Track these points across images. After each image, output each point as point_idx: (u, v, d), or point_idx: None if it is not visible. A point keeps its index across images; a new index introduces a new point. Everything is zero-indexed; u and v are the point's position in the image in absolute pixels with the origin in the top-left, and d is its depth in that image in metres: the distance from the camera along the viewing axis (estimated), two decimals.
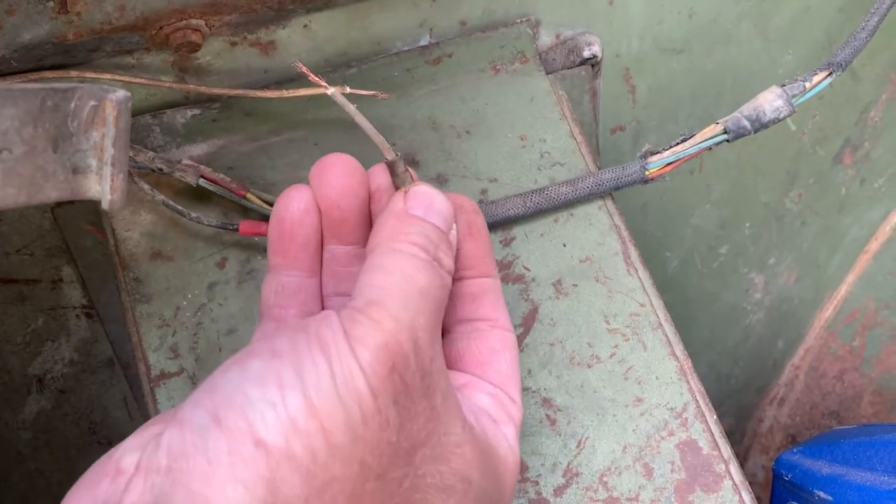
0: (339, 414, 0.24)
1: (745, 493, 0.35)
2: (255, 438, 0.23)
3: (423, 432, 0.26)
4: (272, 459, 0.23)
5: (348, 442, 0.24)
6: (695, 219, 0.64)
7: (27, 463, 0.54)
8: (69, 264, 0.49)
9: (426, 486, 0.26)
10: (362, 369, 0.24)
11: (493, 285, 0.33)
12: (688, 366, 0.38)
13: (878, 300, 0.72)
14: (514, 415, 0.32)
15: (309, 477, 0.23)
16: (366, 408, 0.24)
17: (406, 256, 0.28)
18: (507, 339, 0.32)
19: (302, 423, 0.23)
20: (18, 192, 0.27)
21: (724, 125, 0.40)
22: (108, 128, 0.29)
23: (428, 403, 0.26)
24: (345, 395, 0.24)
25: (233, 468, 0.22)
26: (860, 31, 0.41)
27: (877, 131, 0.64)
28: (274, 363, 0.24)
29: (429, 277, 0.28)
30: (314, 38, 0.44)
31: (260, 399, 0.23)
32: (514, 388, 0.32)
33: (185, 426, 0.24)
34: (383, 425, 0.24)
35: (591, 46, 0.48)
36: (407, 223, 0.29)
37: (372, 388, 0.24)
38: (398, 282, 0.27)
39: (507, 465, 0.30)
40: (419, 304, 0.27)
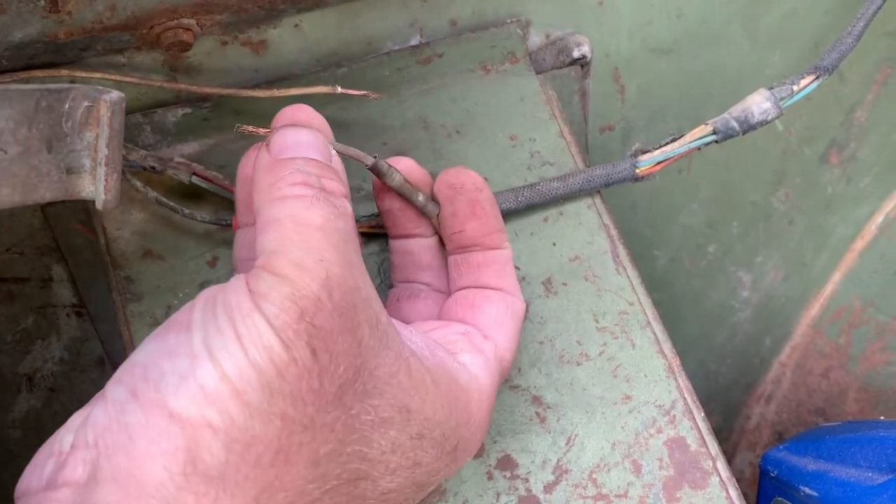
0: (251, 373, 0.23)
1: (732, 490, 0.36)
2: (169, 411, 0.23)
3: (350, 370, 0.25)
4: (188, 430, 0.23)
5: (264, 399, 0.23)
6: (683, 218, 0.64)
7: (17, 462, 0.54)
8: (59, 263, 0.49)
9: (361, 424, 0.25)
10: (269, 323, 0.24)
11: (501, 256, 0.33)
12: (676, 364, 0.38)
13: (864, 298, 0.73)
14: (483, 348, 0.31)
15: (229, 441, 0.23)
16: (278, 361, 0.24)
17: (290, 199, 0.27)
18: (506, 297, 0.32)
19: (213, 389, 0.23)
20: (13, 192, 0.27)
21: (713, 126, 0.40)
22: (102, 128, 0.29)
23: (352, 339, 0.25)
24: (253, 354, 0.24)
25: (151, 441, 0.23)
26: (847, 35, 0.42)
27: (862, 131, 0.65)
28: (185, 334, 0.25)
29: (322, 211, 0.26)
30: (305, 38, 0.44)
31: (171, 371, 0.24)
32: (500, 332, 0.31)
33: (108, 402, 0.24)
34: (301, 374, 0.24)
35: (581, 47, 0.48)
36: (278, 168, 0.28)
37: (282, 339, 0.24)
38: (292, 227, 0.26)
39: (471, 393, 0.29)
40: (321, 241, 0.26)
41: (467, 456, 0.30)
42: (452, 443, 0.29)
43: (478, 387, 0.30)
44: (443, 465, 0.29)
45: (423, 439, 0.27)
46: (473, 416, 0.30)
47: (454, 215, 0.32)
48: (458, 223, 0.32)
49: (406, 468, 0.27)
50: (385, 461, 0.26)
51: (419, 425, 0.27)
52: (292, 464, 0.24)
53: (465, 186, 0.32)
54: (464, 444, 0.30)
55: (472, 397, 0.30)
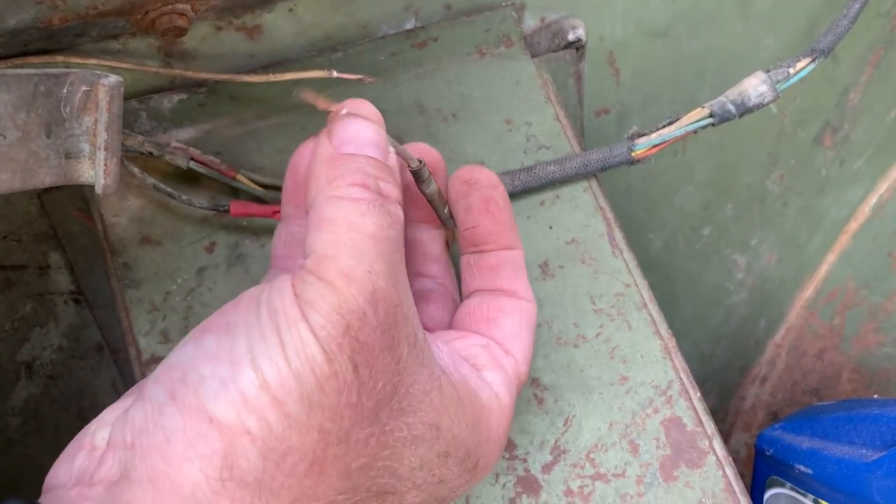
0: (292, 384, 0.23)
1: (728, 468, 0.36)
2: (209, 415, 0.23)
3: (388, 388, 0.25)
4: (226, 435, 0.23)
5: (303, 410, 0.23)
6: (678, 200, 0.64)
7: (17, 449, 0.54)
8: (57, 250, 0.49)
9: (394, 441, 0.26)
10: (314, 334, 0.24)
11: (514, 257, 0.32)
12: (672, 344, 0.39)
13: (858, 280, 0.74)
14: (504, 364, 0.31)
15: (266, 450, 0.23)
16: (320, 374, 0.24)
17: (347, 202, 0.26)
18: (520, 304, 0.32)
19: (253, 397, 0.23)
20: (12, 177, 0.27)
21: (709, 109, 0.40)
22: (100, 113, 0.29)
23: (391, 357, 0.25)
24: (296, 364, 0.23)
25: (189, 445, 0.23)
26: (842, 17, 0.42)
27: (856, 113, 0.65)
28: (227, 338, 0.24)
29: (376, 219, 0.26)
30: (299, 23, 0.44)
31: (212, 376, 0.23)
32: (518, 346, 0.32)
33: (147, 402, 0.24)
34: (341, 389, 0.24)
35: (576, 30, 0.48)
36: (339, 164, 0.27)
37: (326, 352, 0.24)
38: (345, 231, 0.25)
39: (492, 411, 0.30)
40: (372, 250, 0.25)
41: (486, 472, 0.30)
42: (474, 460, 0.29)
43: (499, 405, 0.30)
44: (463, 481, 0.29)
45: (449, 457, 0.28)
46: (494, 433, 0.30)
47: (468, 210, 0.32)
48: (471, 219, 0.32)
49: (431, 485, 0.27)
50: (412, 477, 0.27)
51: (446, 443, 0.27)
52: (325, 475, 0.24)
53: (479, 182, 0.31)
54: (483, 461, 0.30)
55: (494, 415, 0.30)
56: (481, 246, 0.32)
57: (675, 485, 0.36)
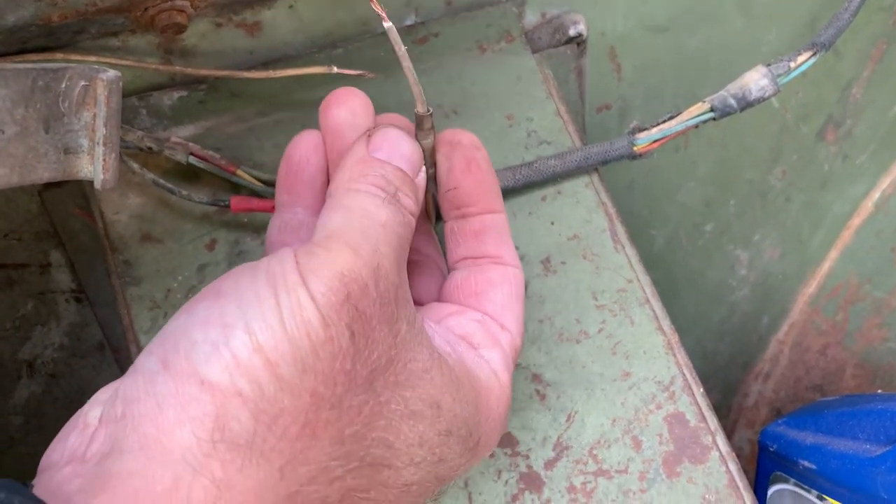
0: (285, 346, 0.23)
1: (731, 464, 0.36)
2: (200, 378, 0.23)
3: (384, 359, 0.25)
4: (218, 397, 0.23)
5: (297, 373, 0.24)
6: (680, 196, 0.64)
7: (19, 447, 0.54)
8: (57, 248, 0.49)
9: (390, 413, 0.26)
10: (313, 299, 0.24)
11: (498, 221, 0.33)
12: (675, 340, 0.39)
13: (861, 275, 0.73)
14: (501, 340, 0.31)
15: (257, 411, 0.23)
16: (315, 338, 0.24)
17: (364, 195, 0.28)
18: (507, 273, 0.32)
19: (245, 359, 0.23)
20: (11, 172, 0.27)
21: (710, 103, 0.40)
22: (99, 108, 0.29)
23: (389, 331, 0.26)
24: (291, 327, 0.24)
25: (181, 409, 0.23)
26: (843, 11, 0.42)
27: (859, 108, 0.65)
28: (218, 303, 0.25)
29: (389, 213, 0.27)
30: (300, 19, 0.43)
31: (203, 340, 0.24)
32: (511, 318, 0.32)
33: (138, 374, 0.24)
34: (335, 354, 0.24)
35: (577, 25, 0.48)
36: (367, 165, 0.29)
37: (324, 316, 0.24)
38: (358, 216, 0.27)
39: (491, 390, 0.30)
40: (380, 234, 0.26)
41: (487, 451, 0.31)
42: (475, 439, 0.29)
43: (499, 383, 0.30)
44: (464, 460, 0.29)
45: (450, 436, 0.28)
46: (494, 412, 0.30)
47: (450, 171, 0.32)
48: (453, 179, 0.32)
49: (430, 463, 0.27)
50: (410, 453, 0.27)
51: (448, 422, 0.27)
52: (317, 439, 0.24)
53: (462, 143, 0.32)
54: (484, 440, 0.30)
55: (493, 394, 0.30)
56: (464, 209, 0.32)
57: (679, 481, 0.36)
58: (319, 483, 0.24)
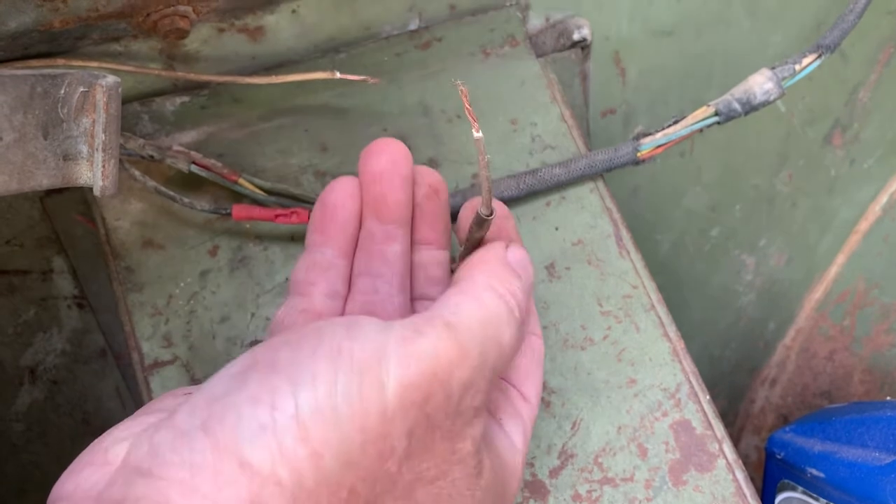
0: (333, 437, 0.22)
1: (738, 472, 0.36)
2: (241, 459, 0.22)
3: (433, 471, 0.24)
4: (255, 482, 0.21)
5: (339, 467, 0.22)
6: (686, 201, 0.64)
7: (21, 455, 0.54)
8: (59, 254, 0.49)
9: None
10: (383, 386, 0.22)
11: None
12: (681, 347, 0.38)
13: (868, 280, 0.73)
14: (523, 413, 0.31)
15: (293, 501, 0.22)
16: (368, 432, 0.22)
17: (503, 303, 0.27)
18: (530, 341, 0.32)
19: (290, 447, 0.22)
20: (10, 179, 0.27)
21: (714, 107, 0.40)
22: (98, 114, 0.29)
23: (450, 447, 0.24)
24: (345, 417, 0.22)
25: (215, 487, 0.21)
26: (848, 13, 0.41)
27: (866, 112, 0.64)
28: (271, 378, 0.23)
29: (512, 333, 0.26)
30: (302, 24, 0.43)
31: (250, 417, 0.22)
32: (531, 387, 0.31)
33: (176, 431, 0.23)
34: (385, 454, 0.23)
35: (581, 29, 0.48)
36: (509, 272, 0.28)
37: (387, 410, 0.22)
38: (486, 320, 0.25)
39: (514, 470, 0.29)
40: (495, 353, 0.25)
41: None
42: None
43: (519, 460, 0.30)
44: None
45: None
46: (511, 491, 0.29)
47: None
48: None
49: None
50: None
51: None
52: None
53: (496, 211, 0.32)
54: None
55: (515, 476, 0.29)
56: None
57: (685, 489, 0.35)
58: None
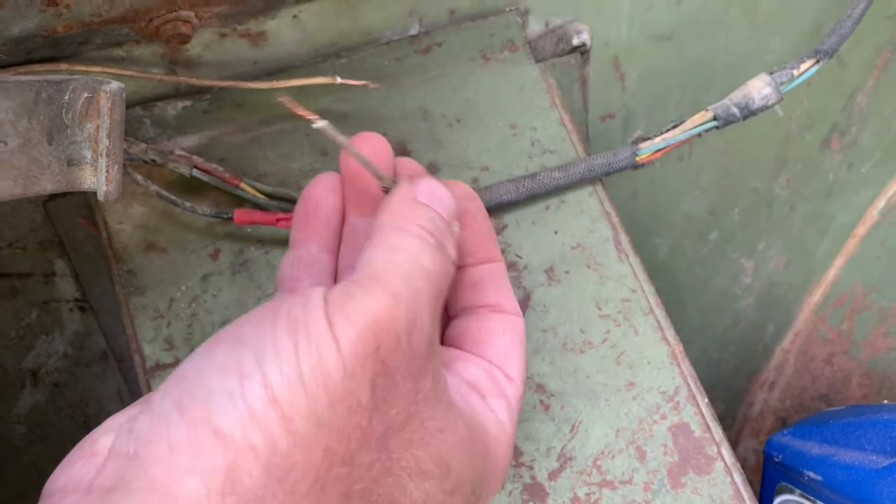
0: (301, 400, 0.23)
1: (736, 475, 0.36)
2: (214, 429, 0.23)
3: (402, 416, 0.25)
4: (230, 450, 0.22)
5: (311, 428, 0.23)
6: (684, 205, 0.64)
7: (22, 457, 0.54)
8: (62, 258, 0.49)
9: (399, 470, 0.25)
10: (338, 348, 0.23)
11: (495, 270, 0.32)
12: (679, 350, 0.38)
13: (866, 284, 0.73)
14: (506, 391, 0.31)
15: (269, 466, 0.23)
16: (334, 391, 0.23)
17: (414, 237, 0.27)
18: (508, 320, 0.32)
19: (260, 412, 0.23)
20: (14, 184, 0.27)
21: (713, 112, 0.40)
22: (102, 119, 0.29)
23: (413, 387, 0.25)
24: (309, 380, 0.23)
25: (193, 457, 0.22)
26: (846, 18, 0.42)
27: (863, 116, 0.65)
28: (236, 350, 0.24)
29: (434, 260, 0.27)
30: (304, 29, 0.44)
31: (220, 389, 0.23)
32: (513, 366, 0.32)
33: (153, 413, 0.24)
34: (353, 409, 0.24)
35: (581, 34, 0.48)
36: (415, 207, 0.28)
37: (346, 368, 0.23)
38: (404, 258, 0.26)
39: (499, 442, 0.30)
40: (423, 283, 0.26)
41: (487, 501, 0.30)
42: (477, 495, 0.29)
43: (506, 436, 0.30)
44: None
45: (455, 495, 0.27)
46: (499, 464, 0.30)
47: None
48: None
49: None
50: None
51: (454, 482, 0.27)
52: (326, 495, 0.24)
53: (455, 196, 0.32)
54: (486, 493, 0.30)
55: (501, 448, 0.30)
56: (462, 259, 0.32)
57: (683, 492, 0.35)
58: None
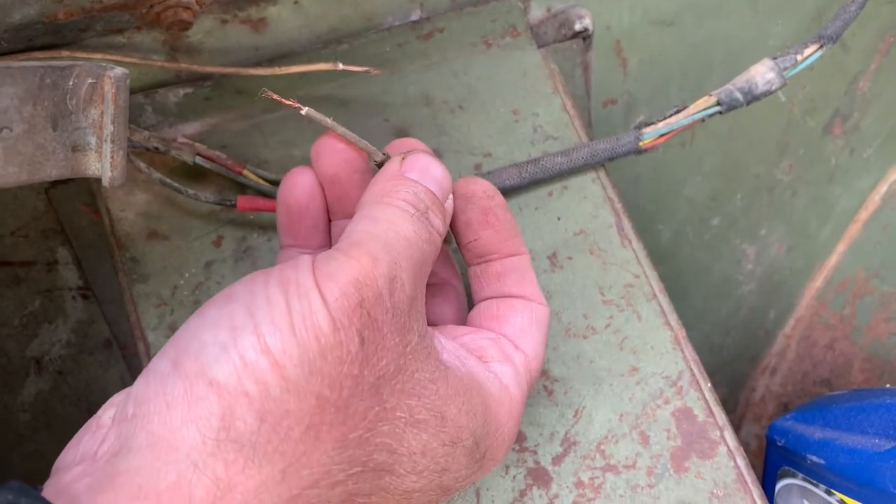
0: (293, 348, 0.24)
1: (739, 459, 0.36)
2: (209, 379, 0.23)
3: (392, 367, 0.26)
4: (225, 398, 0.23)
5: (303, 375, 0.24)
6: (687, 191, 0.64)
7: (27, 444, 0.54)
8: (64, 245, 0.49)
9: (394, 419, 0.26)
10: (325, 302, 0.25)
11: (519, 263, 0.33)
12: (682, 335, 0.39)
13: (868, 269, 0.73)
14: (513, 358, 0.31)
15: (263, 412, 0.23)
16: (325, 341, 0.24)
17: (394, 209, 0.28)
18: (530, 306, 0.33)
19: (253, 360, 0.24)
20: (19, 170, 0.27)
21: (717, 97, 0.40)
22: (106, 105, 0.29)
23: (400, 340, 0.26)
24: (300, 330, 0.24)
25: (188, 408, 0.23)
26: (850, 3, 0.42)
27: (866, 101, 0.64)
28: (227, 307, 0.25)
29: (415, 228, 0.28)
30: (305, 15, 0.43)
31: (212, 342, 0.24)
32: (527, 341, 0.32)
33: (150, 374, 0.25)
34: (343, 358, 0.24)
35: (583, 20, 0.48)
36: (399, 183, 0.29)
37: (335, 320, 0.24)
38: (383, 228, 0.27)
39: (501, 403, 0.30)
40: (402, 248, 0.27)
41: (494, 464, 0.31)
42: (482, 451, 0.29)
43: (509, 398, 0.30)
44: (470, 472, 0.29)
45: (455, 446, 0.28)
46: (503, 425, 0.30)
47: (468, 224, 0.32)
48: (472, 232, 0.32)
49: (434, 472, 0.28)
50: (413, 461, 0.27)
51: (452, 432, 0.28)
52: (321, 442, 0.24)
53: (476, 195, 0.32)
54: (492, 453, 0.30)
55: (503, 407, 0.30)
56: (486, 256, 0.33)
57: (687, 476, 0.36)
58: (321, 487, 0.24)
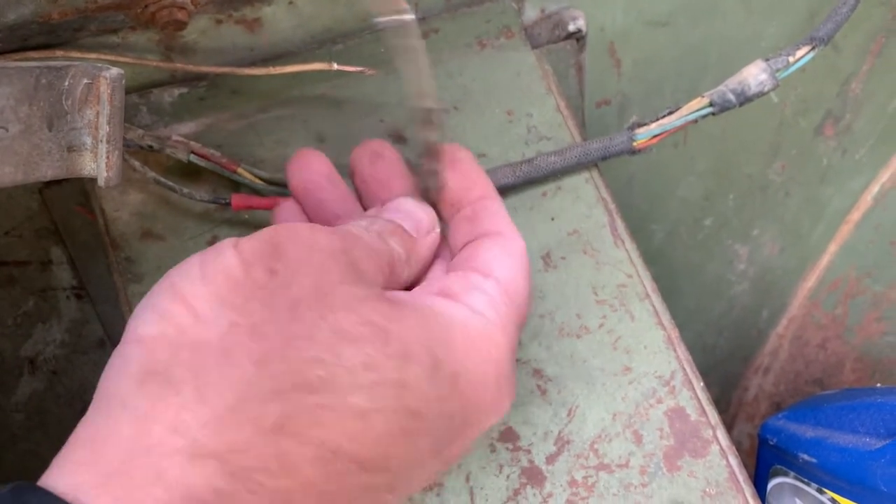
0: (200, 288, 0.26)
1: (732, 458, 0.36)
2: (137, 337, 0.26)
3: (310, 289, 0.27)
4: (146, 346, 0.26)
5: (212, 307, 0.26)
6: (680, 191, 0.64)
7: (21, 444, 0.54)
8: (58, 245, 0.49)
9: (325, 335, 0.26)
10: (236, 247, 0.27)
11: (487, 204, 0.32)
12: (675, 335, 0.39)
13: (860, 269, 0.73)
14: (484, 287, 0.30)
15: (177, 347, 0.25)
16: (233, 277, 0.26)
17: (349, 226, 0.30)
18: (499, 239, 0.32)
19: (168, 307, 0.26)
20: (15, 170, 0.27)
21: (709, 98, 0.40)
22: (102, 105, 0.29)
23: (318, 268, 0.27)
24: (209, 272, 0.26)
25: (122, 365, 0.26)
26: (842, 5, 0.42)
27: (858, 102, 0.65)
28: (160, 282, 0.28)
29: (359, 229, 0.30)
30: (299, 15, 0.43)
31: (141, 308, 0.27)
32: (500, 269, 0.31)
33: None
34: (253, 288, 0.26)
35: (576, 20, 0.48)
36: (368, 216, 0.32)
37: (243, 260, 0.26)
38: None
39: (469, 326, 0.29)
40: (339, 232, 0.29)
41: (479, 393, 0.29)
42: (448, 370, 0.28)
43: (483, 321, 0.29)
44: (442, 392, 0.28)
45: (409, 360, 0.27)
46: (477, 348, 0.29)
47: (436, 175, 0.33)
48: (440, 180, 0.33)
49: (387, 386, 0.27)
50: (355, 375, 0.26)
51: (399, 348, 0.27)
52: (236, 360, 0.26)
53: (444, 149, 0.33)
54: (471, 378, 0.28)
55: (474, 330, 0.29)
56: (457, 204, 0.33)
57: (679, 475, 0.36)
58: (249, 404, 0.25)
